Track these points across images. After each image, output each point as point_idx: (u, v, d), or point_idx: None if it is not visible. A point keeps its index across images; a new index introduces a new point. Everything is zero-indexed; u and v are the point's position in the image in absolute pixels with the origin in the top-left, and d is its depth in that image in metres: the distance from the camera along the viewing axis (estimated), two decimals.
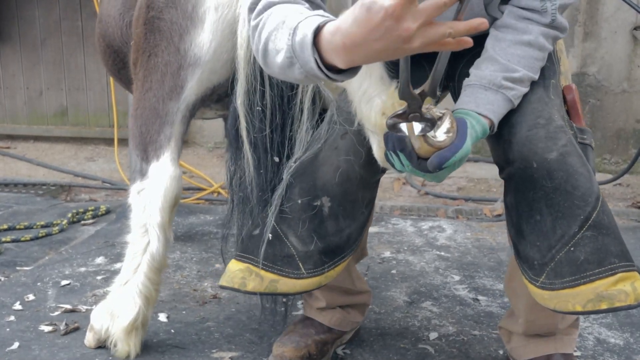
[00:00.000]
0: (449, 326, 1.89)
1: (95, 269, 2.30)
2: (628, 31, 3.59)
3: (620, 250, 1.23)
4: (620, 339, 1.83)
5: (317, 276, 1.39)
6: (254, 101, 1.45)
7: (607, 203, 1.30)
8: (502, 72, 1.24)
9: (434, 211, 3.08)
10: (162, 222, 1.57)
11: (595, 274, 1.21)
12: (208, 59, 1.48)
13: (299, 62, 1.02)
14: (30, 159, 4.01)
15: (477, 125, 1.19)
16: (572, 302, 1.22)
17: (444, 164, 1.10)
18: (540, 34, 1.26)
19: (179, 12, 1.46)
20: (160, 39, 1.49)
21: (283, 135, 1.47)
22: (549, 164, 1.22)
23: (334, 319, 1.70)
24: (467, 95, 1.25)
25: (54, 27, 4.26)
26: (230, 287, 1.44)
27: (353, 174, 1.36)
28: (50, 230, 2.70)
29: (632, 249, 2.49)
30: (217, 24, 1.45)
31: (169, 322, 1.91)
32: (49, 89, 4.37)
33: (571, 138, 1.26)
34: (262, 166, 1.49)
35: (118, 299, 1.64)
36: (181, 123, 1.55)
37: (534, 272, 1.27)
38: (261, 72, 1.42)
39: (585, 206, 1.21)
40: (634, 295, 1.20)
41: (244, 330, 1.87)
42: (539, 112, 1.26)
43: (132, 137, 1.61)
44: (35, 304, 2.02)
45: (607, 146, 3.74)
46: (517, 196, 1.28)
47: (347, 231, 1.40)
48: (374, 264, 2.39)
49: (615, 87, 3.67)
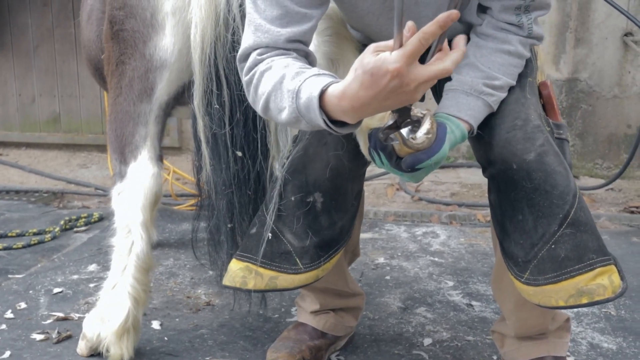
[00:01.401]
0: (443, 332, 1.89)
1: (87, 277, 2.29)
2: (619, 37, 3.62)
3: (598, 245, 1.28)
4: (613, 343, 1.83)
5: (314, 270, 1.43)
6: (212, 100, 1.52)
7: (600, 207, 1.32)
8: (482, 79, 1.28)
9: (427, 217, 3.09)
10: (144, 220, 1.60)
11: (575, 270, 1.26)
12: (174, 60, 1.55)
13: (305, 119, 1.12)
14: (22, 166, 3.99)
15: (457, 130, 1.24)
16: (555, 298, 1.28)
17: (417, 165, 1.16)
18: (519, 43, 1.30)
19: (139, 21, 1.54)
20: (126, 47, 1.57)
21: (246, 130, 1.54)
22: (527, 164, 1.26)
23: (328, 323, 1.70)
24: (449, 99, 1.29)
25: (46, 34, 4.25)
26: (232, 286, 1.47)
27: (342, 168, 1.40)
28: (43, 237, 2.68)
29: (625, 253, 2.53)
30: (177, 27, 1.53)
31: (162, 329, 1.91)
32: (41, 96, 4.36)
33: (548, 137, 1.30)
34: (224, 162, 1.56)
35: (107, 303, 1.64)
36: (155, 123, 1.61)
37: (519, 268, 1.32)
38: (217, 72, 1.50)
39: (563, 204, 1.26)
40: (612, 288, 1.27)
41: (237, 337, 1.86)
42: (516, 114, 1.30)
43: (110, 142, 1.66)
44: (27, 312, 2.01)
45: (599, 151, 3.76)
46: (500, 196, 1.33)
47: (340, 224, 1.44)
48: (368, 270, 2.39)
49: (607, 92, 3.69)
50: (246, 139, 1.55)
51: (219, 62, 1.50)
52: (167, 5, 1.52)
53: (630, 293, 2.18)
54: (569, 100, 3.74)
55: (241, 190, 1.58)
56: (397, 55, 0.95)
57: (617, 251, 2.57)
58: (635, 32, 3.55)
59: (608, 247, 1.32)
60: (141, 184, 1.59)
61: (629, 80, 3.65)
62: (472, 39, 1.33)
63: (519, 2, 1.25)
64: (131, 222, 1.60)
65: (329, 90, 1.06)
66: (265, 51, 1.23)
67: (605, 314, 2.02)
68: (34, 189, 3.55)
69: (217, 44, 1.49)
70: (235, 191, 1.57)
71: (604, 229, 2.90)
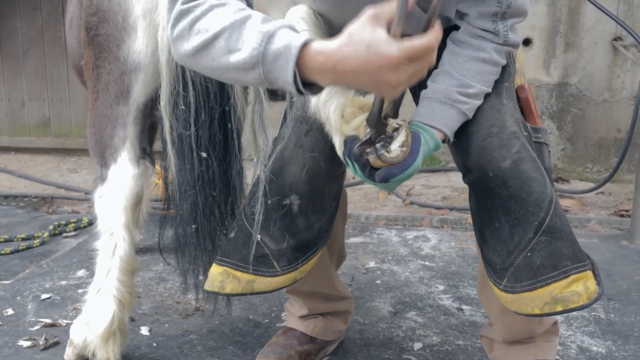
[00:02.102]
0: (433, 336, 1.89)
1: (76, 282, 2.28)
2: (608, 42, 3.63)
3: (573, 251, 1.29)
4: (602, 347, 1.83)
5: (292, 272, 1.44)
6: (178, 102, 1.53)
7: (590, 211, 1.33)
8: (457, 87, 1.28)
9: (418, 221, 3.08)
10: (126, 221, 1.60)
11: (550, 278, 1.28)
12: (148, 62, 1.57)
13: (265, 68, 1.01)
14: (11, 171, 3.96)
15: (431, 140, 1.25)
16: (531, 305, 1.29)
17: (390, 179, 1.17)
18: (494, 50, 1.30)
19: (112, 26, 1.56)
20: (100, 51, 1.59)
21: (211, 131, 1.56)
22: (503, 172, 1.27)
23: (317, 327, 1.70)
24: (424, 107, 1.29)
25: (36, 38, 4.23)
26: (211, 290, 1.48)
27: (319, 170, 1.40)
28: (31, 243, 2.66)
29: (615, 257, 2.53)
30: (149, 30, 1.55)
31: (151, 335, 1.89)
32: (31, 100, 4.33)
33: (524, 143, 1.30)
34: (188, 162, 1.57)
35: (92, 307, 1.63)
36: (134, 124, 1.62)
37: (497, 275, 1.33)
38: (184, 74, 1.51)
39: (539, 212, 1.26)
40: (587, 295, 1.28)
41: (227, 342, 1.85)
42: (492, 121, 1.30)
43: (90, 146, 1.67)
44: (14, 318, 1.99)
45: (589, 155, 3.77)
46: (478, 203, 1.34)
47: (317, 225, 1.44)
48: (359, 275, 2.39)
49: (597, 96, 3.70)
50: (211, 140, 1.56)
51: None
52: (137, 8, 1.54)
53: (620, 296, 2.18)
54: (559, 105, 3.75)
55: (205, 191, 1.60)
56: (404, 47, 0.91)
57: (607, 255, 2.58)
58: (624, 36, 3.57)
59: (597, 251, 1.33)
60: (122, 186, 1.60)
61: (618, 85, 3.67)
62: (448, 45, 1.34)
63: (495, 9, 1.25)
64: (113, 225, 1.60)
65: (313, 45, 0.98)
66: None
67: (594, 317, 2.02)
68: (23, 193, 3.53)
69: None
70: (199, 192, 1.59)
71: (594, 232, 2.91)
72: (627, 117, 3.52)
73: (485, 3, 1.25)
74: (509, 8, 1.25)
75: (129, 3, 1.54)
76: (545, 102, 3.76)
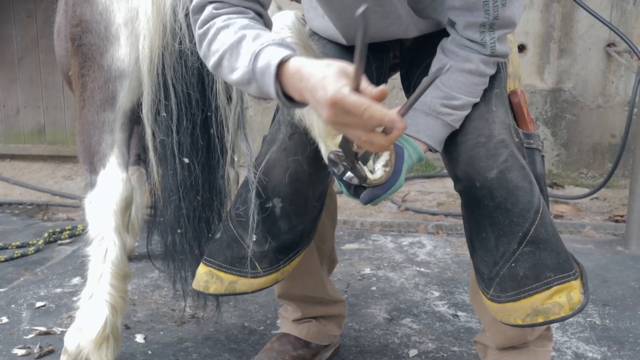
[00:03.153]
0: (428, 343, 1.89)
1: (71, 290, 2.27)
2: (602, 48, 3.65)
3: (557, 262, 1.29)
4: (598, 353, 1.84)
5: (273, 273, 1.46)
6: (160, 109, 1.56)
7: (585, 216, 1.33)
8: (441, 99, 1.29)
9: (414, 227, 3.09)
10: (116, 226, 1.61)
11: (533, 289, 1.29)
12: (132, 69, 1.59)
13: (257, 84, 1.09)
14: (6, 178, 3.95)
15: (414, 153, 1.26)
16: (514, 316, 1.31)
17: (374, 200, 1.19)
18: (481, 62, 1.30)
19: (94, 35, 1.59)
20: (85, 60, 1.62)
21: (193, 137, 1.58)
22: (489, 182, 1.27)
23: (311, 331, 1.70)
24: (409, 118, 1.30)
25: (31, 45, 4.23)
26: (197, 290, 1.51)
27: (302, 173, 1.41)
28: (26, 250, 2.66)
29: (609, 262, 2.54)
30: (131, 38, 1.57)
31: (146, 343, 1.89)
32: (26, 107, 4.33)
33: (513, 151, 1.30)
34: (171, 168, 1.60)
35: (85, 313, 1.62)
36: (121, 130, 1.64)
37: (485, 284, 1.34)
38: (165, 82, 1.54)
39: (523, 222, 1.27)
40: (569, 305, 1.28)
41: (222, 350, 1.85)
42: (479, 131, 1.31)
43: (79, 154, 1.69)
44: (8, 326, 1.98)
45: (584, 160, 3.79)
46: (467, 213, 1.36)
47: (300, 227, 1.45)
48: (354, 281, 2.39)
49: (591, 102, 3.72)
50: (194, 146, 1.59)
51: (167, 71, 1.55)
52: (118, 17, 1.57)
53: (615, 302, 2.19)
54: (554, 110, 3.76)
55: (189, 196, 1.62)
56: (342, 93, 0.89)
57: (601, 260, 2.58)
58: (618, 42, 3.59)
59: (592, 256, 1.33)
60: (111, 190, 1.61)
61: (612, 91, 3.69)
62: (437, 54, 1.35)
63: (483, 19, 1.25)
64: (103, 229, 1.60)
65: (290, 63, 1.03)
66: (221, 6, 1.20)
67: (590, 323, 2.02)
68: (18, 201, 3.52)
69: (164, 54, 1.54)
70: (183, 197, 1.61)
71: (589, 237, 2.92)
72: (621, 123, 3.54)
73: (472, 14, 1.25)
74: (497, 19, 1.25)
75: (110, 12, 1.57)
76: (539, 107, 3.77)
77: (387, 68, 1.56)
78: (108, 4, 1.56)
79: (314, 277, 1.65)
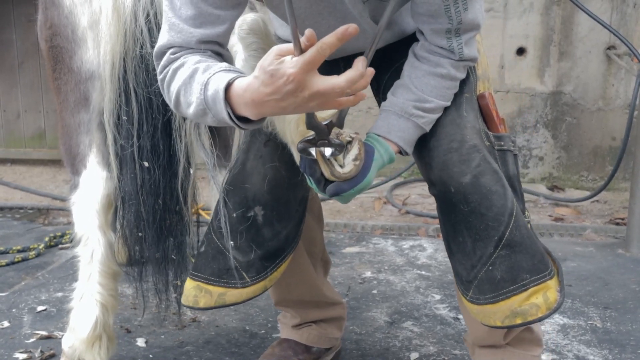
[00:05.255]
0: (429, 346, 1.89)
1: (72, 294, 2.27)
2: (602, 51, 3.66)
3: (532, 263, 1.31)
4: (599, 356, 1.83)
5: (262, 281, 1.45)
6: (120, 114, 1.56)
7: (586, 219, 1.33)
8: (414, 102, 1.30)
9: (414, 230, 3.09)
10: (99, 224, 1.61)
11: (510, 291, 1.30)
12: (101, 70, 1.59)
13: (212, 112, 1.13)
14: (7, 182, 3.95)
15: (385, 154, 1.27)
16: (493, 318, 1.33)
17: (341, 194, 1.20)
18: (452, 66, 1.31)
19: (63, 38, 1.59)
20: (56, 63, 1.63)
21: (153, 141, 1.58)
22: (464, 188, 1.28)
23: (311, 335, 1.70)
24: (382, 119, 1.31)
25: (31, 50, 4.23)
26: (187, 305, 1.49)
27: (280, 179, 1.41)
28: (27, 254, 2.66)
29: (610, 265, 2.54)
30: (97, 40, 1.57)
31: (147, 347, 1.89)
32: (26, 112, 4.34)
33: (485, 155, 1.31)
34: (131, 172, 1.59)
35: (77, 314, 1.63)
36: (99, 129, 1.64)
37: (464, 286, 1.36)
38: (126, 87, 1.54)
39: (498, 226, 1.28)
40: (546, 306, 1.30)
41: (223, 354, 1.85)
42: (452, 136, 1.32)
43: (62, 156, 1.69)
44: (10, 330, 1.98)
45: (585, 163, 3.79)
46: (443, 217, 1.37)
47: (284, 233, 1.45)
48: (355, 285, 2.38)
49: (591, 105, 3.72)
50: (154, 150, 1.58)
51: (129, 76, 1.54)
52: (83, 20, 1.57)
53: (616, 305, 2.19)
54: (554, 113, 3.77)
55: (149, 200, 1.60)
56: (295, 61, 0.96)
57: (602, 263, 2.58)
58: (618, 45, 3.60)
59: (593, 259, 1.34)
60: (92, 188, 1.61)
61: (612, 93, 3.69)
62: (409, 57, 1.35)
63: (447, 25, 1.25)
64: (88, 229, 1.61)
65: (235, 84, 1.07)
66: (178, 50, 1.23)
67: (591, 326, 2.02)
68: (19, 205, 3.52)
69: (126, 59, 1.53)
70: (143, 201, 1.60)
71: (590, 240, 2.91)
72: (622, 126, 3.54)
73: (437, 21, 1.25)
74: (461, 24, 1.25)
75: (75, 16, 1.57)
76: (539, 110, 3.78)
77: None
78: (72, 7, 1.56)
79: (308, 281, 1.65)
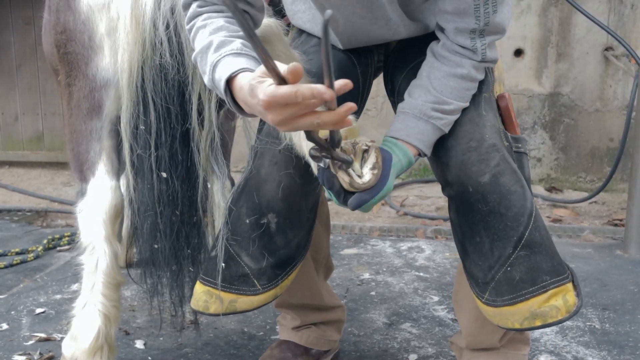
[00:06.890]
0: (428, 347, 1.89)
1: (71, 296, 2.27)
2: (599, 52, 3.67)
3: (552, 265, 1.30)
4: (597, 357, 1.84)
5: (273, 289, 1.44)
6: (138, 123, 1.54)
7: (584, 220, 1.33)
8: (433, 104, 1.29)
9: (412, 231, 3.09)
10: (106, 235, 1.59)
11: (529, 293, 1.29)
12: (117, 79, 1.57)
13: (217, 92, 1.14)
14: (5, 185, 3.95)
15: (404, 158, 1.26)
16: (512, 320, 1.31)
17: (363, 205, 1.19)
18: (473, 67, 1.30)
19: (79, 44, 1.57)
20: (70, 69, 1.60)
21: (171, 151, 1.56)
22: (482, 187, 1.27)
23: (311, 337, 1.70)
24: (400, 122, 1.30)
25: (29, 52, 4.23)
26: (197, 310, 1.49)
27: (295, 186, 1.40)
28: (25, 257, 2.65)
29: (608, 266, 2.54)
30: (115, 47, 1.55)
31: (145, 349, 1.88)
32: (24, 114, 4.34)
33: (504, 155, 1.30)
34: (148, 183, 1.57)
35: (79, 322, 1.62)
36: (109, 137, 1.62)
37: (479, 288, 1.34)
38: (144, 96, 1.52)
39: (518, 226, 1.27)
40: (565, 308, 1.29)
41: (222, 356, 1.84)
42: (470, 135, 1.31)
43: (70, 162, 1.67)
44: (8, 333, 1.98)
45: (582, 164, 3.80)
46: (459, 216, 1.35)
47: (295, 241, 1.44)
48: (353, 286, 2.39)
49: (589, 106, 3.73)
50: (172, 161, 1.56)
51: (147, 85, 1.52)
52: (101, 27, 1.54)
53: (615, 306, 2.19)
54: (552, 114, 3.77)
55: (166, 211, 1.58)
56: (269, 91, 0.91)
57: (601, 264, 2.59)
58: (615, 46, 3.61)
59: (591, 260, 1.33)
60: (100, 198, 1.59)
61: (610, 94, 3.70)
62: (428, 57, 1.34)
63: (473, 25, 1.24)
64: (94, 239, 1.60)
65: (237, 78, 1.07)
66: (204, 3, 1.22)
67: (589, 327, 2.02)
68: (17, 207, 3.52)
69: (144, 68, 1.51)
70: (160, 213, 1.58)
71: (588, 242, 2.92)
72: (620, 127, 3.55)
73: (463, 20, 1.24)
74: (487, 26, 1.25)
75: (93, 22, 1.54)
76: (537, 112, 3.78)
77: (372, 72, 1.56)
78: (89, 13, 1.54)
79: (310, 286, 1.65)
